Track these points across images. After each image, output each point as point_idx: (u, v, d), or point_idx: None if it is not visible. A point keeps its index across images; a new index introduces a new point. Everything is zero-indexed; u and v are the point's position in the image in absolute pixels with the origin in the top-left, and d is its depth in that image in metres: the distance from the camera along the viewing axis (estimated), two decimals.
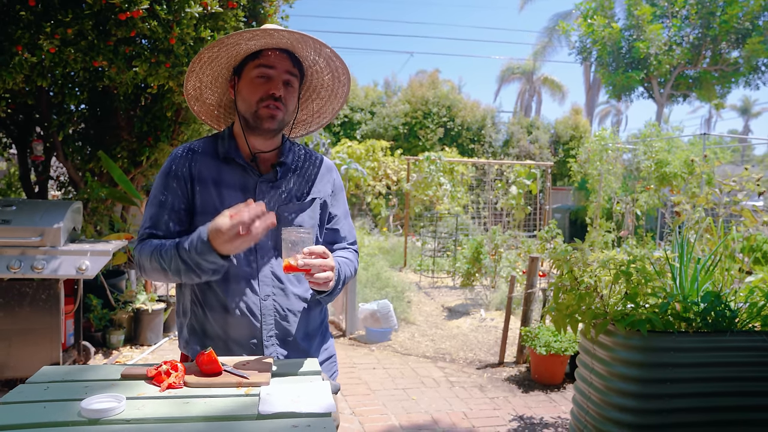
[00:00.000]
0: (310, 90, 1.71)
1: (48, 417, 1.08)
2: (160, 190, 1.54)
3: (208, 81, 1.63)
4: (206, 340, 1.53)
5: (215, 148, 1.57)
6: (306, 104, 1.74)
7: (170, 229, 1.51)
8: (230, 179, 1.54)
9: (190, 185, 1.53)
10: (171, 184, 1.53)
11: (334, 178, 1.70)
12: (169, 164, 1.56)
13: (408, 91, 18.52)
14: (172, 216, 1.52)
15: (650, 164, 10.06)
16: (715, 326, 2.46)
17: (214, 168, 1.54)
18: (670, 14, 17.55)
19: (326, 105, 1.74)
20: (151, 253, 1.45)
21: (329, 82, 1.67)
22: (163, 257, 1.42)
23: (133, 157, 4.91)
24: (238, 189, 1.53)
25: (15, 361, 3.51)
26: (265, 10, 4.35)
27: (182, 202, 1.53)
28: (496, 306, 6.55)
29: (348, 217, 1.75)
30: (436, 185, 9.70)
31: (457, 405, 3.78)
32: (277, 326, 1.53)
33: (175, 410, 1.12)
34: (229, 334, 1.51)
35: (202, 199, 1.52)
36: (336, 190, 1.70)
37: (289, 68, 1.53)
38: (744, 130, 43.63)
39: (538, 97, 33.99)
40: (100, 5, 3.31)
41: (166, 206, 1.52)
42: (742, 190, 4.87)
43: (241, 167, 1.55)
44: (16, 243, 3.40)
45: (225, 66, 1.58)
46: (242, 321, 1.50)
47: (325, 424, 1.08)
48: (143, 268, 1.49)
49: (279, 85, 1.50)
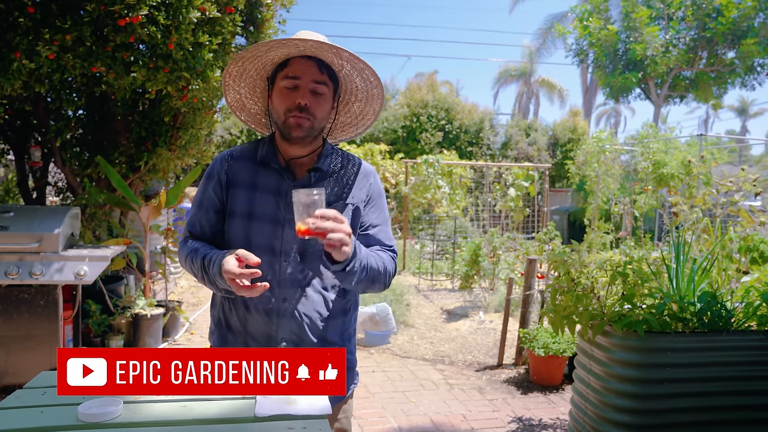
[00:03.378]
0: (348, 93, 1.69)
1: (46, 421, 1.08)
2: (200, 192, 1.65)
3: (246, 92, 1.68)
4: (228, 333, 1.60)
5: (255, 153, 1.62)
6: (347, 107, 1.73)
7: (204, 230, 1.62)
8: (265, 183, 1.57)
9: (225, 188, 1.60)
10: (208, 187, 1.62)
11: (370, 182, 1.66)
12: (210, 168, 1.65)
13: (406, 94, 18.56)
14: (207, 217, 1.62)
15: (647, 165, 10.07)
16: (712, 326, 2.47)
17: (251, 172, 1.59)
18: (667, 16, 17.61)
19: (366, 107, 1.72)
20: (186, 255, 1.57)
21: (361, 84, 1.66)
22: (194, 263, 1.53)
23: (131, 163, 4.91)
24: (271, 193, 1.56)
25: (14, 367, 3.50)
26: (262, 15, 4.36)
27: (216, 205, 1.61)
28: (494, 308, 6.56)
29: (386, 225, 1.67)
30: (434, 188, 9.71)
31: (456, 407, 3.78)
32: (292, 329, 1.54)
33: (172, 413, 1.13)
34: (248, 330, 1.57)
35: (235, 201, 1.58)
36: (373, 197, 1.65)
37: (315, 76, 1.53)
38: (741, 130, 43.73)
39: (536, 100, 34.10)
40: (98, 11, 3.33)
41: (202, 208, 1.63)
42: (739, 190, 4.88)
43: (276, 171, 1.58)
44: (14, 249, 3.40)
45: (258, 77, 1.63)
46: (259, 320, 1.54)
47: (321, 426, 1.08)
48: (184, 268, 1.61)
49: (305, 94, 1.51)
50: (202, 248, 1.54)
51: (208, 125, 5.20)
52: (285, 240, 1.54)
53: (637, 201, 10.27)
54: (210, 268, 1.45)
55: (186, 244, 1.61)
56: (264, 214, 1.55)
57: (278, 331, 1.53)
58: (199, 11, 3.54)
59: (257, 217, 1.55)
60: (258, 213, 1.55)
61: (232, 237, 1.57)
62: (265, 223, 1.54)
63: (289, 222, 1.53)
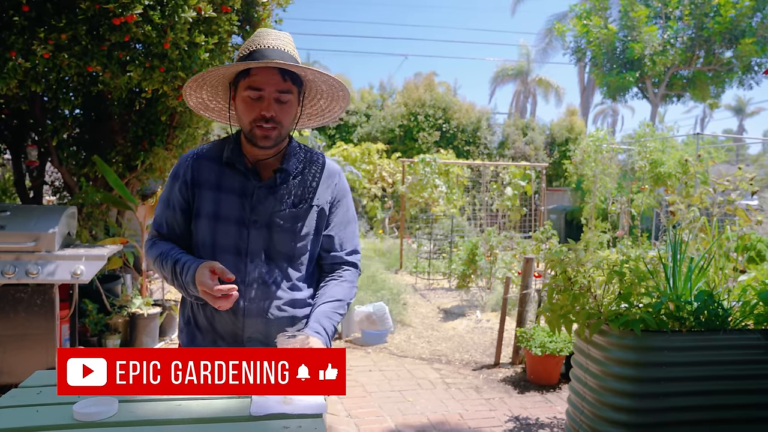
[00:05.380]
0: (313, 92, 1.69)
1: (41, 421, 1.08)
2: (166, 191, 1.65)
3: (207, 96, 1.66)
4: (197, 331, 1.60)
5: (220, 153, 1.61)
6: (312, 102, 1.72)
7: (173, 230, 1.63)
8: (230, 184, 1.57)
9: (191, 189, 1.59)
10: (174, 187, 1.62)
11: (336, 183, 1.67)
12: (176, 168, 1.64)
13: (404, 93, 18.55)
14: (175, 217, 1.62)
15: (645, 164, 10.09)
16: (708, 325, 2.48)
17: (216, 172, 1.59)
18: (665, 15, 17.64)
19: (332, 104, 1.72)
20: (156, 257, 1.58)
21: (326, 88, 1.65)
22: (164, 266, 1.54)
23: (127, 162, 4.90)
24: (236, 194, 1.56)
25: (10, 366, 3.50)
26: (258, 15, 4.35)
27: (183, 205, 1.61)
28: (491, 307, 6.56)
29: (350, 225, 1.70)
30: (431, 187, 9.72)
31: (453, 406, 3.78)
32: (258, 329, 1.55)
33: (167, 412, 1.12)
34: (216, 329, 1.57)
35: (201, 202, 1.57)
36: (338, 197, 1.67)
37: (279, 86, 1.50)
38: (738, 129, 43.82)
39: (533, 99, 34.09)
40: (93, 10, 3.32)
41: (169, 207, 1.63)
42: (736, 189, 4.89)
43: (241, 173, 1.57)
44: (10, 248, 3.39)
45: (219, 84, 1.62)
46: (227, 319, 1.55)
47: (316, 425, 1.08)
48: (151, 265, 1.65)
49: (269, 105, 1.49)
50: (173, 251, 1.56)
51: (205, 124, 5.19)
52: (251, 241, 1.54)
53: (634, 200, 10.29)
54: (183, 275, 1.48)
55: (155, 244, 1.62)
56: (229, 215, 1.55)
57: (245, 330, 1.55)
58: (195, 11, 3.52)
59: (223, 219, 1.55)
60: (223, 214, 1.55)
61: (199, 238, 1.58)
62: (231, 225, 1.55)
63: (254, 223, 1.54)
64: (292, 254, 1.58)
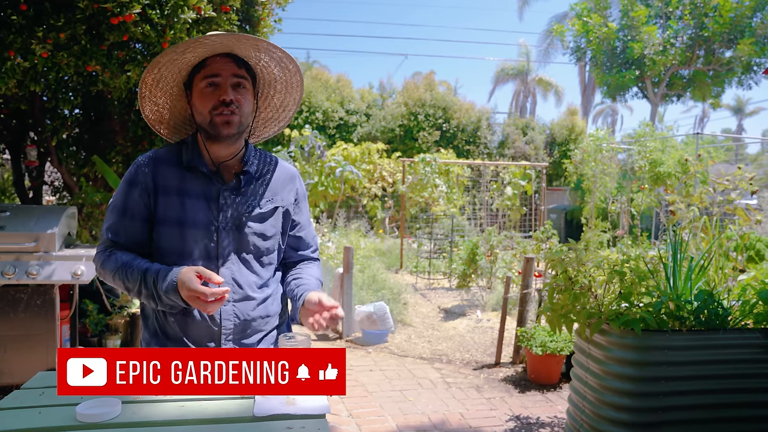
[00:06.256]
0: (266, 86, 1.70)
1: (44, 422, 1.08)
2: (121, 198, 1.56)
3: (163, 102, 1.65)
4: (167, 341, 1.56)
5: (179, 156, 1.58)
6: (267, 102, 1.74)
7: (131, 239, 1.55)
8: (193, 188, 1.55)
9: (153, 195, 1.54)
10: (133, 193, 1.55)
11: (297, 187, 1.72)
12: (132, 173, 1.57)
13: (404, 93, 18.54)
14: (133, 225, 1.55)
15: (645, 164, 10.10)
16: (708, 324, 2.48)
17: (178, 176, 1.55)
18: (665, 15, 17.65)
19: (287, 97, 1.73)
20: (115, 270, 1.50)
21: (280, 74, 1.66)
22: (128, 278, 1.47)
23: (128, 162, 4.90)
24: (201, 198, 1.54)
25: (10, 367, 3.49)
26: (258, 14, 4.34)
27: (143, 213, 1.55)
28: (492, 307, 6.56)
29: (310, 225, 1.79)
30: (431, 187, 9.72)
31: (453, 406, 3.78)
32: (235, 331, 1.54)
33: (170, 413, 1.12)
34: (189, 335, 1.54)
35: (164, 208, 1.53)
36: (300, 198, 1.72)
37: (234, 71, 1.53)
38: (738, 129, 43.82)
39: (533, 98, 34.09)
40: (92, 9, 3.31)
41: (127, 215, 1.55)
42: (736, 189, 4.90)
43: (204, 175, 1.56)
44: (10, 249, 3.39)
45: (174, 83, 1.60)
46: (201, 324, 1.53)
47: (320, 425, 1.08)
48: (105, 278, 1.55)
49: (227, 89, 1.51)
50: (137, 261, 1.50)
51: None
52: (221, 244, 1.54)
53: (634, 199, 10.30)
54: (158, 284, 1.42)
55: (113, 254, 1.54)
56: (196, 220, 1.53)
57: (221, 332, 1.53)
58: (194, 11, 3.52)
59: (189, 224, 1.53)
60: (190, 219, 1.53)
61: (164, 245, 1.54)
62: (199, 230, 1.53)
63: (224, 226, 1.54)
64: (262, 255, 1.60)
